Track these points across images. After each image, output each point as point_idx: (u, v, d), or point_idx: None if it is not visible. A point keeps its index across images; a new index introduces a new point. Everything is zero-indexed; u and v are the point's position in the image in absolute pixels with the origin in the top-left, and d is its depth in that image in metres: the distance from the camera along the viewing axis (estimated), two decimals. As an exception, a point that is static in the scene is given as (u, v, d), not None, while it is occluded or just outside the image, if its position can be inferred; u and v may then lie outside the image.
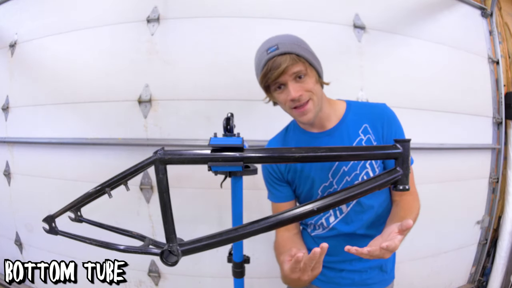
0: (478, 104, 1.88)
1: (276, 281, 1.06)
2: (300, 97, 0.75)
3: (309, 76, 0.77)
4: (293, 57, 0.73)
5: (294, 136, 0.92)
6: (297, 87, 0.75)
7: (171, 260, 0.61)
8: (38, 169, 1.79)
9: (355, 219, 0.87)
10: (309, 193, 0.88)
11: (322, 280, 0.93)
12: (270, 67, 0.73)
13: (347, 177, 0.84)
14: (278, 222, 0.59)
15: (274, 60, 0.73)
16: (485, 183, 1.94)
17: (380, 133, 0.84)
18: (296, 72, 0.74)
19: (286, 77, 0.74)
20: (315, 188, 0.87)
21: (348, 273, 0.90)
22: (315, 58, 0.80)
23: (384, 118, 0.85)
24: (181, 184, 1.54)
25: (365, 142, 0.84)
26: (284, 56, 0.73)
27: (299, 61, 0.74)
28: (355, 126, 0.85)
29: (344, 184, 0.84)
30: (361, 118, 0.86)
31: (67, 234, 0.71)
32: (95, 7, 1.66)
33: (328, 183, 0.86)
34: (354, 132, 0.85)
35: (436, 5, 1.77)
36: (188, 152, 0.62)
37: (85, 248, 0.74)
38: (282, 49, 0.74)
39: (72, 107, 1.68)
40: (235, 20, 1.56)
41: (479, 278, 2.01)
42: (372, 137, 0.84)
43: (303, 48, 0.77)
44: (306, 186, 0.88)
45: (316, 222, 0.91)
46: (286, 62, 0.72)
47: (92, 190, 0.68)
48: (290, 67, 0.73)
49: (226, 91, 1.54)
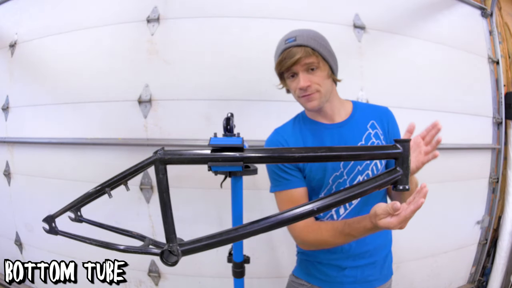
0: (478, 104, 1.88)
1: (276, 281, 1.06)
2: (308, 87, 0.80)
3: (321, 69, 0.81)
4: (307, 50, 0.78)
5: (302, 126, 0.93)
6: (307, 78, 0.80)
7: (171, 260, 0.60)
8: (38, 169, 1.79)
9: (363, 210, 0.87)
10: (320, 181, 0.88)
11: (324, 281, 0.92)
12: (285, 56, 0.80)
13: (359, 167, 0.86)
14: (278, 222, 0.59)
15: (290, 50, 0.79)
16: (485, 183, 1.94)
17: (386, 129, 0.91)
18: (308, 64, 0.79)
19: (298, 67, 0.80)
20: (327, 177, 0.87)
21: (350, 271, 0.90)
22: (330, 55, 0.84)
23: (387, 120, 0.92)
24: (181, 184, 1.54)
25: (374, 135, 0.89)
26: (299, 47, 0.78)
27: (313, 54, 0.79)
28: (364, 121, 0.90)
29: (355, 174, 0.86)
30: (367, 115, 0.92)
31: (67, 234, 0.71)
32: (95, 7, 1.66)
33: (339, 172, 0.87)
34: (363, 126, 0.90)
35: (436, 5, 1.77)
36: (188, 152, 0.62)
37: (85, 248, 0.74)
38: (299, 41, 0.79)
39: (72, 107, 1.68)
40: (235, 20, 1.56)
41: (479, 278, 2.01)
42: (380, 132, 0.90)
43: (319, 44, 0.81)
44: (318, 174, 0.88)
45: (325, 215, 0.90)
46: (300, 53, 0.78)
47: (92, 190, 0.68)
48: (303, 58, 0.78)
49: (226, 91, 1.54)
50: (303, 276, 0.97)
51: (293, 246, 1.01)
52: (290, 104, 0.98)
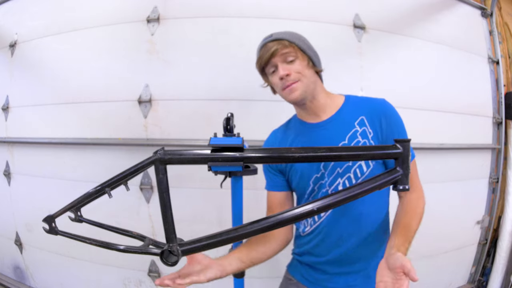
0: (478, 104, 1.88)
1: (276, 281, 1.06)
2: (287, 76, 0.81)
3: (299, 60, 0.82)
4: (283, 42, 0.81)
5: (293, 127, 0.94)
6: (286, 67, 0.81)
7: (171, 260, 0.60)
8: (38, 169, 1.79)
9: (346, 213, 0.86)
10: (301, 183, 0.89)
11: (311, 282, 0.92)
12: (263, 51, 0.83)
13: (339, 169, 0.84)
14: (278, 222, 0.59)
15: (266, 45, 0.83)
16: (485, 183, 1.94)
17: (377, 127, 0.84)
18: (285, 54, 0.81)
19: (276, 59, 0.82)
20: (306, 179, 0.87)
21: (334, 276, 0.89)
22: (308, 47, 0.85)
23: (382, 113, 0.84)
24: (181, 184, 1.54)
25: (360, 134, 0.83)
26: (275, 41, 0.82)
27: (290, 46, 0.81)
28: (351, 118, 0.85)
29: (335, 176, 0.84)
30: (358, 111, 0.86)
31: (67, 234, 0.71)
32: (95, 7, 1.66)
33: (320, 174, 0.86)
34: (349, 123, 0.85)
35: (436, 5, 1.77)
36: (188, 152, 0.62)
37: (85, 248, 0.74)
38: (275, 37, 0.83)
39: (72, 107, 1.68)
40: (235, 20, 1.56)
41: (479, 278, 2.01)
42: (368, 130, 0.83)
43: (295, 37, 0.84)
44: (296, 176, 0.89)
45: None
46: (276, 45, 0.81)
47: (92, 190, 0.68)
48: (279, 49, 0.81)
49: (226, 91, 1.54)
50: (293, 273, 0.99)
51: (293, 246, 1.01)
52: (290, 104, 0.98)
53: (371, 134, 0.83)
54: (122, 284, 1.72)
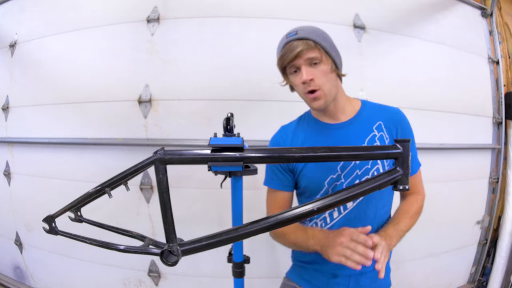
0: (478, 104, 1.88)
1: (276, 281, 1.06)
2: (311, 81, 0.78)
3: (324, 63, 0.79)
4: (309, 43, 0.76)
5: (306, 125, 0.92)
6: (310, 71, 0.78)
7: (171, 260, 0.60)
8: (38, 169, 1.79)
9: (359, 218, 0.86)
10: (315, 183, 0.87)
11: (316, 286, 0.91)
12: (286, 50, 0.78)
13: (358, 171, 0.83)
14: (278, 222, 0.59)
15: (291, 43, 0.77)
16: (485, 183, 1.94)
17: (394, 134, 0.86)
18: (311, 58, 0.77)
19: (300, 61, 0.77)
20: (322, 179, 0.86)
21: (342, 279, 0.88)
22: (333, 49, 0.82)
23: (399, 122, 0.87)
24: (181, 184, 1.54)
25: (378, 138, 0.85)
26: (301, 40, 0.76)
27: (315, 47, 0.77)
28: (370, 122, 0.87)
29: (353, 178, 0.83)
30: (375, 116, 0.87)
31: (67, 234, 0.71)
32: (95, 7, 1.66)
33: (336, 175, 0.85)
34: (368, 127, 0.86)
35: (436, 5, 1.77)
36: (188, 152, 0.61)
37: (85, 248, 0.74)
38: (300, 35, 0.77)
39: (72, 107, 1.68)
40: (235, 20, 1.55)
41: (479, 278, 2.01)
42: (385, 135, 0.85)
43: (321, 37, 0.79)
44: (308, 176, 0.87)
45: (318, 217, 0.90)
46: (302, 46, 0.76)
47: (92, 190, 0.67)
48: (305, 51, 0.76)
49: (226, 91, 1.54)
50: (296, 280, 0.97)
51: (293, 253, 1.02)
52: (290, 104, 0.99)
53: (387, 140, 0.85)
54: (122, 284, 1.72)
